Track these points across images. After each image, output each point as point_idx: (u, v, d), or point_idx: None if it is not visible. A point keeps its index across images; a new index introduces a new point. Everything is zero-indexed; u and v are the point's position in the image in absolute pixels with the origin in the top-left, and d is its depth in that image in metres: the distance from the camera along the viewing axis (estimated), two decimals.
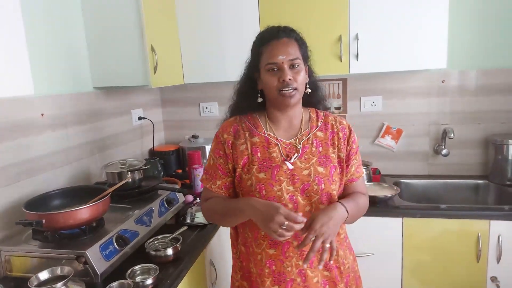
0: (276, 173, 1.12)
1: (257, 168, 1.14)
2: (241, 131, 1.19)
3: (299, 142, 1.17)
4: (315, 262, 1.14)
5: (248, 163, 1.15)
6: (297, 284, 1.14)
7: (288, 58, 1.09)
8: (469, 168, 2.28)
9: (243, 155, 1.16)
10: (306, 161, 1.14)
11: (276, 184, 1.12)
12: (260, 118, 1.21)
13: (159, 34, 1.88)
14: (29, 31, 1.14)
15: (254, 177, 1.13)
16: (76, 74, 1.75)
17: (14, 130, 1.40)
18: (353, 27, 1.94)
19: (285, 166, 1.13)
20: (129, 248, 1.32)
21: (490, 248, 1.77)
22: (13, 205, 1.38)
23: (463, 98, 2.21)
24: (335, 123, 1.21)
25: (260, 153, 1.15)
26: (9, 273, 1.26)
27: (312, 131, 1.19)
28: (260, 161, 1.14)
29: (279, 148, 1.16)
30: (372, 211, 1.86)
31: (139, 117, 2.27)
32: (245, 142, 1.17)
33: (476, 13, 2.11)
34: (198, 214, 1.71)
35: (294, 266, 1.13)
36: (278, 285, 1.15)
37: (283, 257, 1.13)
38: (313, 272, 1.15)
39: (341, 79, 2.34)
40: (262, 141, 1.17)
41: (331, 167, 1.16)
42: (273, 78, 1.10)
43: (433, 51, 1.90)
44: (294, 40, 1.13)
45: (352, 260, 1.27)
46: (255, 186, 1.12)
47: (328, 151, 1.17)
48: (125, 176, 1.61)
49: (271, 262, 1.14)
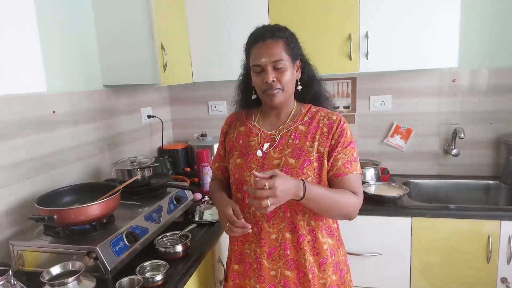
0: (250, 160, 1.20)
1: (237, 154, 1.25)
2: (235, 122, 1.32)
3: (278, 134, 1.21)
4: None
5: (232, 149, 1.27)
6: (253, 270, 1.22)
7: (271, 60, 1.12)
8: (480, 169, 2.25)
9: (230, 142, 1.29)
10: (279, 151, 1.18)
11: (246, 170, 1.20)
12: (255, 111, 1.30)
13: (169, 32, 1.89)
14: (42, 30, 1.15)
15: (234, 162, 1.24)
16: (87, 72, 1.77)
17: (26, 127, 1.43)
18: (363, 25, 1.92)
19: (258, 154, 1.20)
20: (139, 244, 1.33)
21: (500, 249, 1.75)
22: (25, 200, 1.41)
23: (474, 98, 2.19)
24: (323, 119, 1.20)
25: (242, 141, 1.26)
26: (21, 267, 1.28)
27: (295, 124, 1.21)
28: (241, 148, 1.25)
29: (259, 137, 1.23)
30: (381, 211, 1.87)
31: (148, 115, 2.29)
32: (234, 131, 1.30)
33: (488, 11, 2.08)
34: (206, 212, 1.72)
35: (252, 250, 1.22)
36: (238, 264, 1.27)
37: (244, 239, 1.24)
38: (270, 264, 1.19)
39: (350, 78, 2.33)
40: (246, 130, 1.27)
41: (305, 160, 1.15)
42: (258, 78, 1.16)
43: (444, 50, 1.87)
44: (280, 40, 1.13)
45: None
46: (232, 170, 1.24)
47: (304, 145, 1.17)
48: (135, 173, 1.62)
49: (235, 242, 1.27)
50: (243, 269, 1.24)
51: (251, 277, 1.22)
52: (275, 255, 1.18)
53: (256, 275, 1.21)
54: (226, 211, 1.14)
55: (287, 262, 1.17)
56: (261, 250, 1.19)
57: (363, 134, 2.37)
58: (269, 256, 1.19)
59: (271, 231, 1.18)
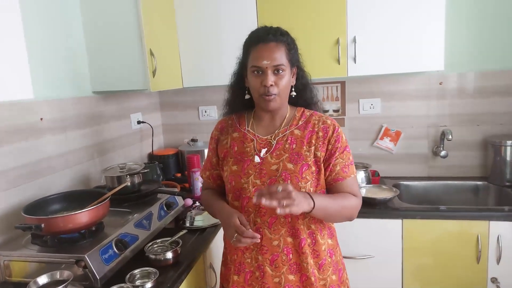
0: (246, 166, 1.18)
1: (232, 161, 1.21)
2: (227, 128, 1.28)
3: (274, 139, 1.19)
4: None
5: (227, 156, 1.23)
6: (256, 278, 1.18)
7: (273, 63, 1.10)
8: (468, 170, 2.28)
9: (223, 149, 1.25)
10: (276, 156, 1.17)
11: (244, 177, 1.17)
12: (247, 116, 1.27)
13: (158, 38, 1.88)
14: (28, 34, 1.13)
15: (229, 169, 1.21)
16: (76, 78, 1.75)
17: (13, 134, 1.41)
18: (351, 30, 1.95)
19: (255, 160, 1.17)
20: (129, 252, 1.32)
21: (490, 249, 1.77)
22: (12, 209, 1.38)
23: (461, 100, 2.22)
24: (317, 123, 1.20)
25: (237, 147, 1.22)
26: (9, 278, 1.26)
27: (290, 128, 1.20)
28: (236, 155, 1.21)
29: (254, 143, 1.20)
30: (372, 213, 1.88)
31: (138, 121, 2.27)
32: (227, 138, 1.25)
33: (473, 15, 2.12)
34: (197, 217, 1.71)
35: (253, 259, 1.18)
36: (237, 274, 1.21)
37: (243, 248, 1.18)
38: (273, 271, 1.16)
39: (340, 82, 2.35)
40: (240, 136, 1.23)
41: (303, 165, 1.15)
42: (256, 80, 1.13)
43: (431, 53, 1.90)
44: (282, 44, 1.12)
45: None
46: (228, 177, 1.20)
47: (301, 149, 1.17)
48: (124, 180, 1.60)
49: (233, 251, 1.22)
50: (243, 279, 1.20)
51: (254, 286, 1.18)
52: (278, 261, 1.16)
53: (259, 283, 1.17)
54: (233, 222, 1.09)
55: (290, 266, 1.16)
56: (263, 257, 1.16)
57: (353, 137, 2.39)
58: (272, 263, 1.16)
59: (272, 237, 1.15)
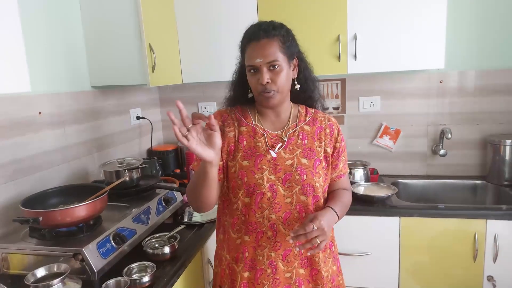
0: (259, 161, 1.15)
1: (241, 156, 1.17)
2: (230, 120, 1.22)
3: (285, 134, 1.19)
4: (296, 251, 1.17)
5: (234, 151, 1.18)
6: (267, 275, 1.17)
7: (266, 60, 1.08)
8: (467, 169, 2.28)
9: (230, 142, 1.19)
10: (290, 152, 1.17)
11: (258, 172, 1.15)
12: (250, 110, 1.24)
13: (158, 33, 1.88)
14: (26, 28, 1.14)
15: (238, 164, 1.17)
16: (74, 72, 1.75)
17: (11, 128, 1.40)
18: (352, 27, 1.94)
19: (269, 155, 1.16)
20: (127, 246, 1.32)
21: (486, 248, 1.77)
22: (10, 202, 1.38)
23: (461, 99, 2.22)
24: (324, 120, 1.24)
25: (246, 142, 1.19)
26: (7, 270, 1.26)
27: (299, 124, 1.21)
28: (245, 149, 1.18)
29: (265, 138, 1.19)
30: (370, 211, 1.88)
31: (138, 116, 2.27)
32: (233, 130, 1.20)
33: (475, 13, 2.12)
34: (195, 213, 1.71)
35: (265, 256, 1.17)
36: (249, 271, 1.19)
37: (256, 244, 1.17)
38: (285, 266, 1.17)
39: (340, 79, 2.34)
40: (249, 131, 1.20)
41: (316, 160, 1.18)
42: (254, 79, 1.12)
43: (431, 51, 1.90)
44: (275, 39, 1.09)
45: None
46: (238, 173, 1.16)
47: (313, 145, 1.19)
48: (123, 174, 1.61)
49: (245, 249, 1.18)
50: (254, 276, 1.18)
51: (265, 284, 1.17)
52: (290, 256, 1.17)
53: (270, 279, 1.17)
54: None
55: (301, 260, 1.18)
56: (276, 253, 1.16)
57: (352, 135, 2.39)
58: (285, 258, 1.17)
59: (286, 233, 1.15)
